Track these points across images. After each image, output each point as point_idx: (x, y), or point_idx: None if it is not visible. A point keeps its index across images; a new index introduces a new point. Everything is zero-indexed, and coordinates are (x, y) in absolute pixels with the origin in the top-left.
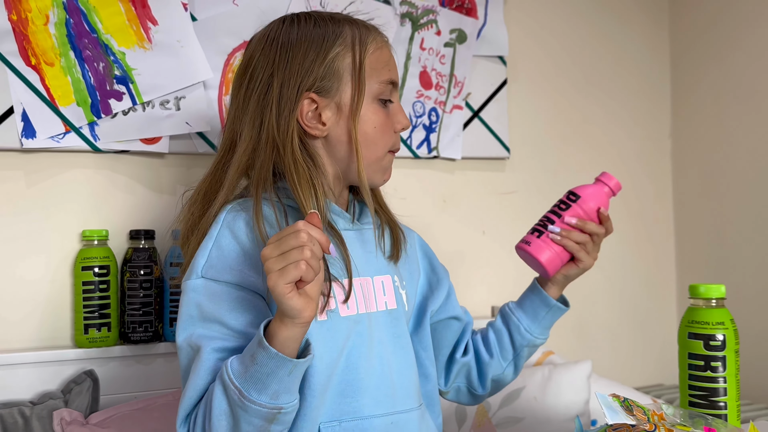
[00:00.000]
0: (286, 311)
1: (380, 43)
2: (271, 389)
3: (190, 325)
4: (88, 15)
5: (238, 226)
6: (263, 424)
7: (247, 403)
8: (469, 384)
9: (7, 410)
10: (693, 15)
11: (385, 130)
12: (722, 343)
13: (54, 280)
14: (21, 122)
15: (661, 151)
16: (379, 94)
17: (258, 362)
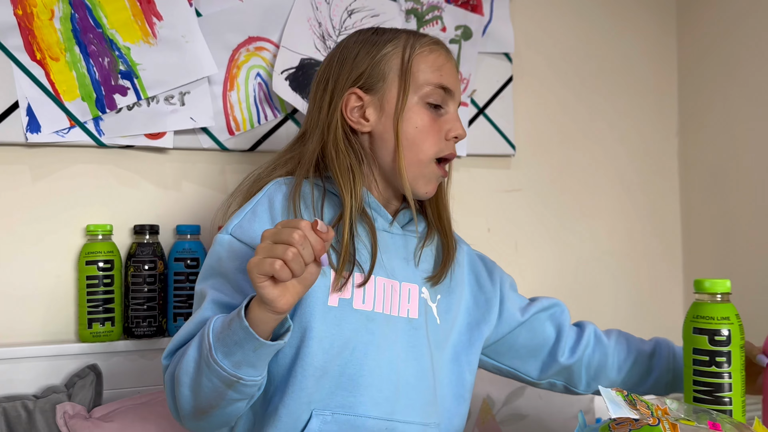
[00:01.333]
0: (260, 297)
1: (435, 49)
2: (236, 357)
3: (209, 275)
4: (93, 10)
5: (277, 198)
6: (221, 386)
7: (211, 362)
8: (569, 383)
9: (11, 404)
10: (701, 12)
11: (429, 133)
12: (727, 338)
13: (58, 274)
14: (26, 117)
15: (668, 149)
16: (427, 96)
17: (231, 329)
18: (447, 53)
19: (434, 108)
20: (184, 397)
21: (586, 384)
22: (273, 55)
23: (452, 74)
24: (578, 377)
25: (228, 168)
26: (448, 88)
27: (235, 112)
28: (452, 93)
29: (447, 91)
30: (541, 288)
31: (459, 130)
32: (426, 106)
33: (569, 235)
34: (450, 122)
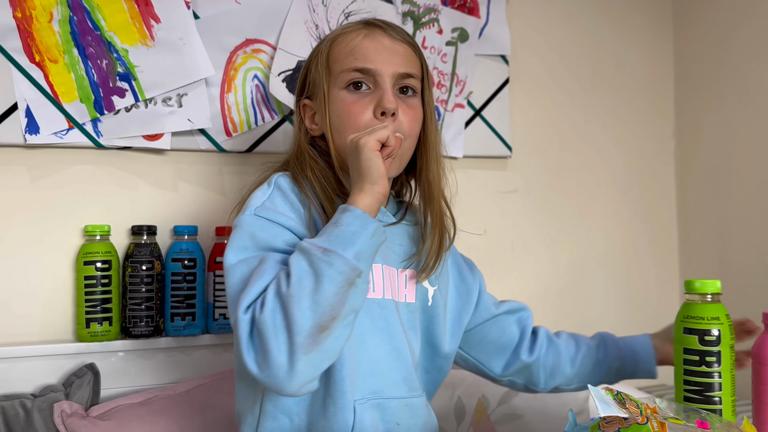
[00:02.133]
0: (370, 170)
1: (349, 32)
2: (356, 247)
3: (243, 251)
4: (92, 12)
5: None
6: (344, 284)
7: (332, 257)
8: (529, 381)
9: (9, 402)
10: (697, 14)
11: (350, 116)
12: (717, 338)
13: (56, 274)
14: (25, 118)
15: (664, 151)
16: (343, 84)
17: (343, 223)
18: (367, 29)
19: (356, 90)
20: (302, 314)
21: (544, 382)
22: (270, 57)
23: (371, 50)
24: (537, 376)
25: (225, 169)
26: (363, 68)
27: (233, 114)
28: (371, 71)
29: (363, 71)
30: (537, 289)
31: (385, 104)
32: (347, 90)
33: (565, 236)
34: (376, 98)
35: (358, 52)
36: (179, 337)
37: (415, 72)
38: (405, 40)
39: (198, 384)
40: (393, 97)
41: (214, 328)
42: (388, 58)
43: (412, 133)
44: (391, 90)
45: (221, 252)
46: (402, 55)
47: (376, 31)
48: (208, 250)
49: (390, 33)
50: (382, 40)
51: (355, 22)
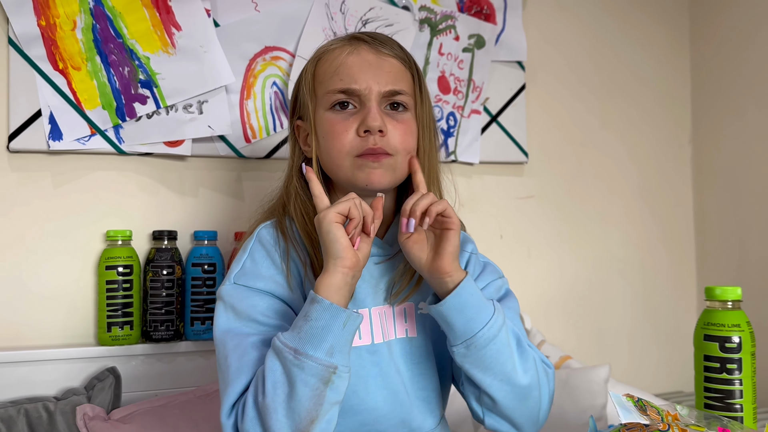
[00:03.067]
0: (331, 243)
1: (332, 51)
2: (327, 344)
3: (227, 323)
4: (114, 21)
5: (268, 241)
6: (319, 385)
7: (303, 360)
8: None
9: (32, 405)
10: (714, 19)
11: (334, 135)
12: (738, 345)
13: (78, 279)
14: (48, 125)
15: (681, 157)
16: (328, 105)
17: (312, 318)
18: (351, 45)
19: (341, 109)
20: (279, 424)
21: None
22: (289, 65)
23: (355, 69)
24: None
25: (244, 175)
26: (347, 89)
27: (252, 121)
28: (355, 91)
29: (347, 92)
30: (554, 295)
31: (369, 121)
32: (331, 111)
33: (582, 242)
34: (360, 117)
35: (342, 71)
36: (199, 341)
37: (403, 88)
38: (393, 54)
39: (218, 388)
40: (378, 115)
41: None
42: (374, 75)
43: (405, 148)
44: (376, 107)
45: None
46: (388, 71)
47: (361, 46)
48: (228, 254)
49: (376, 47)
50: (366, 56)
51: (341, 38)
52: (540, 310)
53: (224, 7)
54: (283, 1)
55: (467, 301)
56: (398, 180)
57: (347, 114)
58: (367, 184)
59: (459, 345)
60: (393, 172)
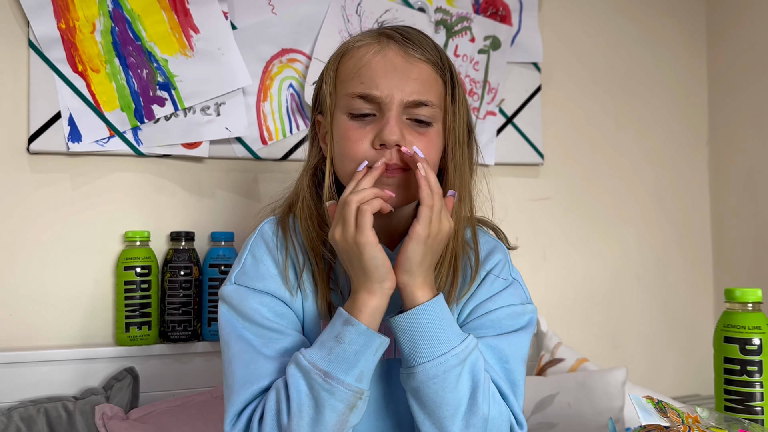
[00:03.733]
0: (377, 268)
1: (356, 53)
2: (358, 369)
3: (229, 324)
4: (133, 23)
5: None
6: (345, 410)
7: (334, 384)
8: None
9: (52, 404)
10: (731, 20)
11: (347, 143)
12: (759, 348)
13: (97, 279)
14: (68, 127)
15: (697, 158)
16: (348, 108)
17: (345, 341)
18: (380, 43)
19: (359, 115)
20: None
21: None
22: (305, 67)
23: (378, 72)
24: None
25: (261, 176)
26: (367, 95)
27: (268, 122)
28: (375, 98)
29: (367, 98)
30: (570, 297)
31: (386, 134)
32: (349, 116)
33: (598, 244)
34: (378, 127)
35: (364, 73)
36: (216, 341)
37: (430, 99)
38: (425, 57)
39: None
40: (396, 128)
41: None
42: (398, 82)
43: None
44: (395, 119)
45: None
46: (415, 78)
47: (390, 46)
48: None
49: (406, 49)
50: (393, 59)
51: (370, 32)
52: (556, 312)
53: (241, 10)
54: (299, 4)
55: (418, 328)
56: (412, 197)
57: (365, 121)
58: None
59: (403, 368)
60: (407, 188)
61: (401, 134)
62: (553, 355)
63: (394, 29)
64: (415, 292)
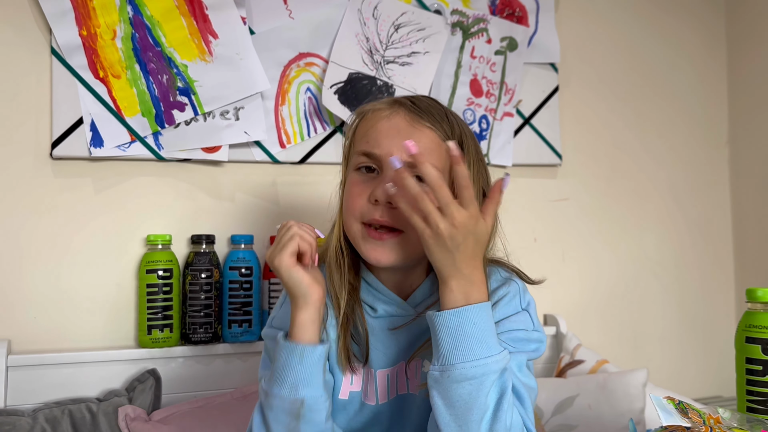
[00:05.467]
0: (295, 286)
1: (368, 114)
2: (288, 381)
3: (264, 364)
4: (153, 30)
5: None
6: (290, 420)
7: (271, 399)
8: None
9: (76, 406)
10: (750, 17)
11: (351, 198)
12: None
13: (119, 282)
14: (89, 132)
15: (718, 158)
16: (355, 164)
17: (276, 358)
18: (391, 108)
19: (367, 171)
20: None
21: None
22: (322, 70)
23: (383, 134)
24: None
25: (279, 180)
26: (370, 153)
27: (286, 126)
28: (377, 156)
29: (370, 156)
30: (589, 298)
31: (376, 192)
32: (356, 172)
33: (617, 245)
34: (375, 185)
35: (371, 134)
36: (236, 343)
37: (432, 161)
38: (430, 124)
39: (255, 390)
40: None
41: None
42: (399, 143)
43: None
44: (390, 177)
45: None
46: (417, 141)
47: (399, 111)
48: (264, 258)
49: (413, 115)
50: (399, 123)
51: (386, 100)
52: (575, 313)
53: (259, 15)
54: (316, 8)
55: (464, 327)
56: (413, 256)
57: (368, 177)
58: (370, 260)
59: (436, 366)
60: (402, 250)
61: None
62: (572, 357)
63: (407, 97)
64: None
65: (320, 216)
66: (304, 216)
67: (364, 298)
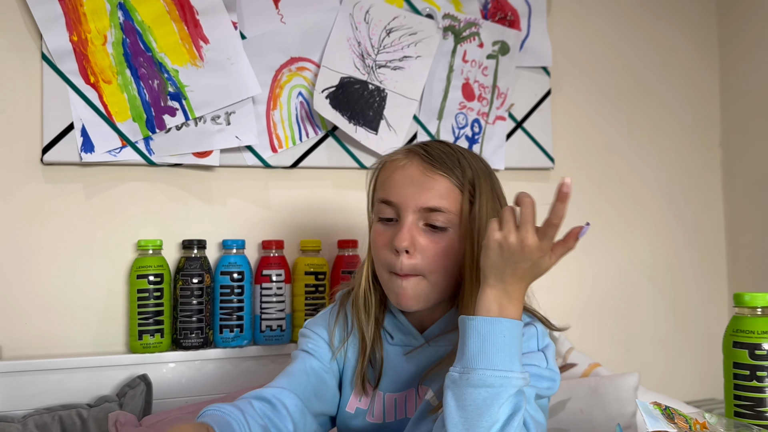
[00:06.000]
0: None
1: (388, 166)
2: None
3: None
4: (144, 35)
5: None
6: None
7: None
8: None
9: (66, 412)
10: (742, 21)
11: (377, 248)
12: None
13: (110, 287)
14: (80, 137)
15: (710, 161)
16: (378, 213)
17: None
18: (407, 158)
19: (387, 221)
20: None
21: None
22: (314, 75)
23: (398, 183)
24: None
25: (271, 184)
26: (388, 201)
27: (278, 130)
28: (394, 204)
29: (389, 204)
30: (582, 301)
31: (396, 241)
32: (380, 222)
33: (610, 248)
34: (394, 233)
35: (387, 183)
36: (227, 348)
37: (445, 206)
38: (444, 173)
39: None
40: (407, 234)
41: (261, 339)
42: (414, 192)
43: (436, 268)
44: (408, 226)
45: (268, 265)
46: (430, 188)
47: (413, 160)
48: (255, 263)
49: (428, 162)
50: (412, 172)
51: (403, 150)
52: (568, 316)
53: (250, 20)
54: (308, 13)
55: (494, 337)
56: (437, 299)
57: (388, 226)
58: (398, 305)
59: (457, 367)
60: (424, 296)
61: (411, 240)
62: (565, 361)
63: (421, 145)
64: (491, 300)
65: (312, 221)
66: (296, 221)
67: (385, 326)
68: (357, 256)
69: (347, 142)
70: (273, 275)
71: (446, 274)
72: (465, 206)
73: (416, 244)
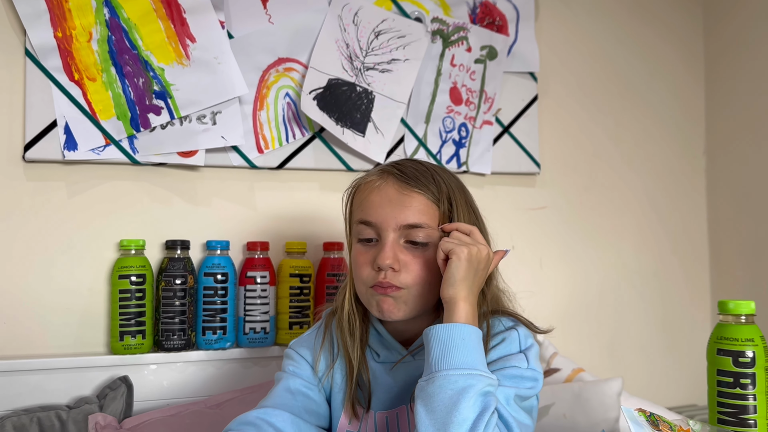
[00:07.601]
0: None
1: (363, 188)
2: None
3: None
4: (129, 32)
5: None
6: None
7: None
8: None
9: (45, 413)
10: (728, 30)
11: (358, 267)
12: (752, 360)
13: (92, 287)
14: (63, 135)
15: (695, 168)
16: (357, 234)
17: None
18: (381, 178)
19: (367, 241)
20: None
21: None
22: (302, 76)
23: (376, 204)
24: None
25: (257, 185)
26: (367, 221)
27: (265, 131)
28: (374, 224)
29: (368, 224)
30: (566, 306)
31: (379, 260)
32: (359, 242)
33: (595, 253)
34: (376, 252)
35: (365, 205)
36: (210, 350)
37: (425, 221)
38: (419, 190)
39: (229, 398)
40: (390, 252)
41: (244, 341)
42: (392, 211)
43: (417, 282)
44: (390, 244)
45: (252, 267)
46: (408, 206)
47: (388, 180)
48: (240, 264)
49: (403, 180)
50: (389, 191)
51: (376, 171)
52: (552, 321)
53: (238, 19)
54: (296, 13)
55: (453, 341)
56: (418, 310)
57: (369, 246)
58: (379, 313)
59: (424, 378)
60: (405, 305)
61: (395, 257)
62: (548, 365)
63: (394, 165)
64: (458, 303)
65: (298, 222)
66: (282, 222)
67: (370, 344)
68: (342, 258)
69: (334, 144)
70: (258, 277)
71: (429, 287)
72: (443, 221)
73: (399, 261)
